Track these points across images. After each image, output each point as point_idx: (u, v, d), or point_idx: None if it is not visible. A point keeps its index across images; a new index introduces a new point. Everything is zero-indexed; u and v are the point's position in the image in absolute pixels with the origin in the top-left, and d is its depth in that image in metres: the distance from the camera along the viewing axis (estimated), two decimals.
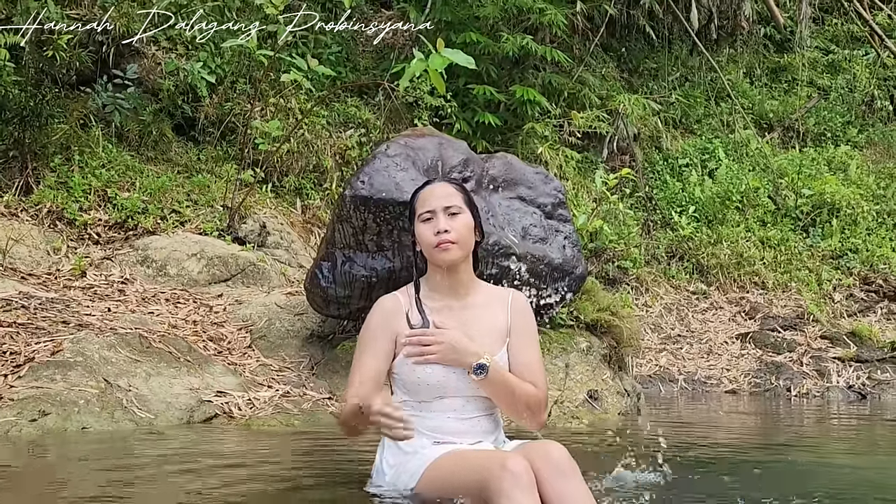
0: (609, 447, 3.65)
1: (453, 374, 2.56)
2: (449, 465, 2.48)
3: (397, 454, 2.61)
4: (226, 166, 6.92)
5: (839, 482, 3.18)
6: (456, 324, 2.61)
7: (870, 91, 11.11)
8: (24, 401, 3.64)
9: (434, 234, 2.58)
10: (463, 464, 2.46)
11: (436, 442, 2.57)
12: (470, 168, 4.98)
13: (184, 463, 3.19)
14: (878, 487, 3.14)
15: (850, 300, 8.31)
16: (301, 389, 4.69)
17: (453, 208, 2.60)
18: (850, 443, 4.80)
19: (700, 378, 6.92)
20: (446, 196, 2.62)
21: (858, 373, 7.08)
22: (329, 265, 4.86)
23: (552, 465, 2.37)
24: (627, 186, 8.47)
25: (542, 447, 2.46)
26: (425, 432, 2.59)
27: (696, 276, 8.32)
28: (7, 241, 5.31)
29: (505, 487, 2.28)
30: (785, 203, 9.08)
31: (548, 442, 2.50)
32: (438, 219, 2.59)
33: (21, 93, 5.97)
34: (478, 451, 2.52)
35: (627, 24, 10.09)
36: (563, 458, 2.41)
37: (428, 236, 2.59)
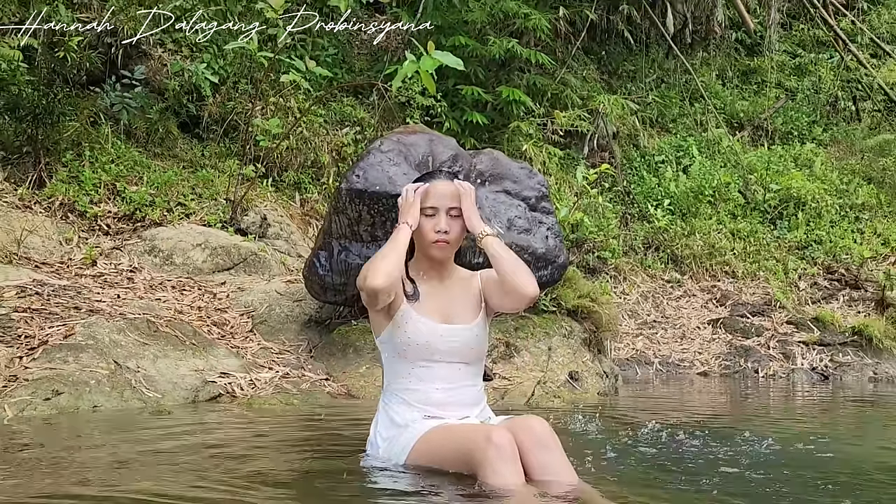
0: (590, 424, 3.68)
1: (439, 336, 2.62)
2: (438, 438, 2.50)
3: (390, 428, 2.64)
4: (228, 162, 6.91)
5: (797, 454, 3.22)
6: (440, 296, 2.68)
7: (834, 92, 11.18)
8: (38, 381, 3.64)
9: (434, 231, 2.62)
10: (451, 437, 2.49)
11: (426, 416, 2.59)
12: (458, 163, 5.00)
13: (189, 439, 3.20)
14: (830, 460, 3.18)
15: (814, 288, 8.37)
16: (300, 371, 4.71)
17: (455, 210, 2.64)
18: (812, 419, 4.85)
19: (674, 361, 6.96)
20: (451, 197, 2.65)
21: (821, 356, 7.14)
22: (326, 254, 4.87)
23: (534, 437, 2.40)
24: (607, 181, 8.50)
25: (525, 421, 2.49)
26: (416, 405, 2.62)
27: (670, 266, 8.36)
28: (21, 231, 5.29)
29: (490, 459, 2.30)
30: (754, 197, 9.14)
31: (531, 417, 2.53)
32: (440, 218, 2.63)
33: (34, 92, 5.94)
34: (465, 426, 2.54)
35: (607, 28, 10.10)
36: (545, 431, 2.44)
37: (428, 231, 2.63)
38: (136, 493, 2.32)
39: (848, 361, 7.07)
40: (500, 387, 4.68)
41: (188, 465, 2.78)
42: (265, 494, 2.39)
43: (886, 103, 11.07)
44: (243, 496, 2.36)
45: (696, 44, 10.87)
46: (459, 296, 2.72)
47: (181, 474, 2.63)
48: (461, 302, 2.71)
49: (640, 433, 3.49)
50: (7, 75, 5.88)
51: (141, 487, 2.40)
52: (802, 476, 2.76)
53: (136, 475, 2.61)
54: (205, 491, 2.41)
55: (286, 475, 2.68)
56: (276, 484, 2.53)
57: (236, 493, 2.39)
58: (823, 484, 2.65)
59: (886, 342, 7.27)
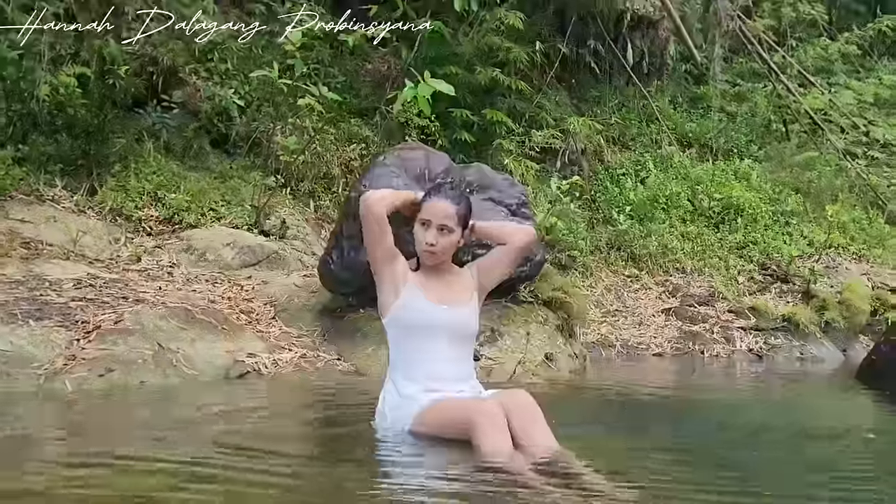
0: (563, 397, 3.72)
1: (439, 315, 2.66)
2: (437, 410, 2.54)
3: (396, 399, 2.66)
4: (253, 174, 6.90)
5: (736, 416, 3.27)
6: (439, 283, 2.72)
7: (767, 116, 11.23)
8: (93, 360, 3.65)
9: (425, 241, 2.66)
10: (448, 409, 2.52)
11: (427, 390, 2.62)
12: (450, 175, 5.02)
13: (224, 408, 3.22)
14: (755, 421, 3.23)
15: (751, 282, 8.41)
16: (315, 352, 4.72)
17: (446, 229, 2.66)
18: (749, 391, 4.91)
19: (633, 344, 6.98)
20: (444, 216, 2.66)
21: (757, 339, 7.19)
22: (337, 253, 4.89)
23: (519, 408, 2.44)
24: (576, 191, 8.51)
25: (512, 394, 2.52)
26: (418, 379, 2.64)
27: (630, 263, 8.38)
28: (77, 232, 5.28)
29: (482, 427, 2.34)
30: (701, 205, 9.17)
31: (516, 390, 2.56)
32: (431, 231, 2.65)
33: (87, 113, 5.93)
34: (460, 400, 2.57)
35: (576, 60, 10.11)
36: (528, 402, 2.47)
37: (419, 239, 2.69)
38: (170, 456, 2.33)
39: (779, 344, 7.12)
40: (487, 366, 4.71)
41: (217, 431, 2.80)
42: (284, 458, 2.41)
43: (811, 126, 11.15)
44: (263, 459, 2.38)
45: (652, 74, 10.90)
46: (455, 283, 2.76)
47: (209, 439, 2.65)
48: (457, 288, 2.75)
49: (604, 403, 3.53)
50: (65, 99, 5.87)
51: (175, 451, 2.42)
52: (728, 431, 2.80)
53: (172, 440, 2.63)
54: (228, 456, 2.42)
55: (303, 440, 2.71)
56: (294, 448, 2.56)
57: (256, 456, 2.41)
58: (741, 437, 2.69)
59: (811, 327, 7.33)
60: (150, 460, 2.29)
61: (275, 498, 1.92)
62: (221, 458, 2.31)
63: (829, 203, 9.37)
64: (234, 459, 2.33)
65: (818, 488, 2.29)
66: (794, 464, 2.62)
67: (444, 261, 2.74)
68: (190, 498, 1.93)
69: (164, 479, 2.09)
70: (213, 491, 1.98)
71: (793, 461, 2.65)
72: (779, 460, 2.64)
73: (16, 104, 5.73)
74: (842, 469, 2.58)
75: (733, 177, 9.71)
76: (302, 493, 2.00)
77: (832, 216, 8.81)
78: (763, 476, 2.37)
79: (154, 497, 1.91)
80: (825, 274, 8.35)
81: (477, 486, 2.11)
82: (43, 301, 4.18)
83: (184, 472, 2.14)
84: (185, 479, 2.07)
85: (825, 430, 3.25)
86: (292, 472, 2.19)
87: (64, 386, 3.42)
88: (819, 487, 2.29)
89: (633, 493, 2.07)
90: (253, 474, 2.14)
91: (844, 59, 12.22)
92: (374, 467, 2.28)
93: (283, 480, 2.08)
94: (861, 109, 11.52)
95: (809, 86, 11.45)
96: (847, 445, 3.03)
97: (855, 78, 12.14)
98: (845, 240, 9.16)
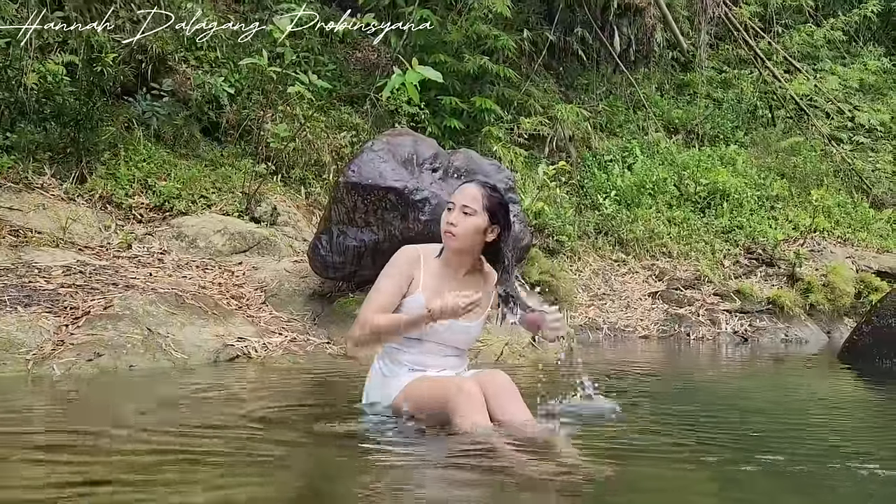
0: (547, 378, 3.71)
1: (441, 329, 2.55)
2: (418, 387, 2.52)
3: (380, 378, 2.65)
4: (243, 161, 6.85)
5: (718, 395, 3.28)
6: (444, 289, 2.55)
7: (753, 102, 11.23)
8: (82, 345, 3.62)
9: (446, 221, 2.56)
10: (428, 387, 2.50)
11: (410, 369, 2.61)
12: (438, 160, 5.00)
13: (212, 392, 3.20)
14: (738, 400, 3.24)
15: (737, 266, 8.44)
16: (305, 336, 4.71)
17: (468, 209, 2.52)
18: (732, 369, 4.92)
19: (620, 326, 7.01)
20: (469, 197, 2.54)
21: (742, 321, 7.21)
22: (327, 238, 4.87)
23: (497, 387, 2.42)
24: (564, 177, 8.50)
25: (490, 374, 2.51)
26: (405, 363, 2.62)
27: (617, 248, 8.39)
28: (66, 220, 5.24)
29: (460, 405, 2.33)
30: (687, 190, 9.18)
31: (495, 371, 2.55)
32: (452, 212, 2.56)
33: (76, 101, 5.86)
34: (440, 378, 2.55)
35: (564, 48, 10.08)
36: (506, 382, 2.46)
37: (442, 222, 2.58)
38: (156, 435, 2.32)
39: (764, 326, 7.15)
40: (475, 348, 4.69)
41: (204, 413, 2.78)
42: (273, 438, 2.40)
43: (797, 111, 11.15)
44: (252, 438, 2.37)
45: (639, 61, 10.88)
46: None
47: (197, 420, 2.63)
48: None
49: (590, 383, 3.52)
50: (53, 87, 5.80)
51: (163, 430, 2.40)
52: (710, 407, 2.81)
53: (159, 421, 2.61)
54: (217, 437, 2.41)
55: (292, 422, 2.69)
56: (283, 429, 2.54)
57: (244, 436, 2.39)
58: (723, 411, 2.70)
59: (796, 310, 7.36)
60: (134, 441, 2.28)
61: (256, 482, 1.91)
62: (205, 441, 2.29)
63: (814, 187, 9.39)
64: (217, 442, 2.31)
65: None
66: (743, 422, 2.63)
67: (464, 250, 2.57)
68: (172, 478, 1.91)
69: (144, 459, 2.07)
70: (194, 472, 1.97)
71: (747, 422, 2.67)
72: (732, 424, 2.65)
73: (3, 92, 5.65)
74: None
75: (719, 162, 9.71)
76: (284, 475, 1.99)
77: (817, 200, 8.83)
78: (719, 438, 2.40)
79: (134, 479, 1.89)
80: (810, 257, 8.37)
81: (456, 462, 2.11)
82: (32, 288, 4.14)
83: (163, 456, 2.13)
84: (164, 463, 2.05)
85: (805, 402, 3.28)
86: (276, 455, 2.18)
87: (52, 370, 3.39)
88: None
89: (607, 466, 2.07)
90: (237, 456, 2.12)
91: (830, 45, 12.20)
92: (355, 448, 2.27)
93: (264, 467, 2.07)
94: (846, 95, 11.51)
95: (795, 72, 11.43)
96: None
97: (840, 63, 12.13)
98: (830, 224, 9.19)
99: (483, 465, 2.06)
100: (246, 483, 1.87)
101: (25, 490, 1.75)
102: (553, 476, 1.99)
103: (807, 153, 10.22)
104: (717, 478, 2.07)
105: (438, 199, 4.73)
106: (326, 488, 1.93)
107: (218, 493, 1.80)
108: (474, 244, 2.58)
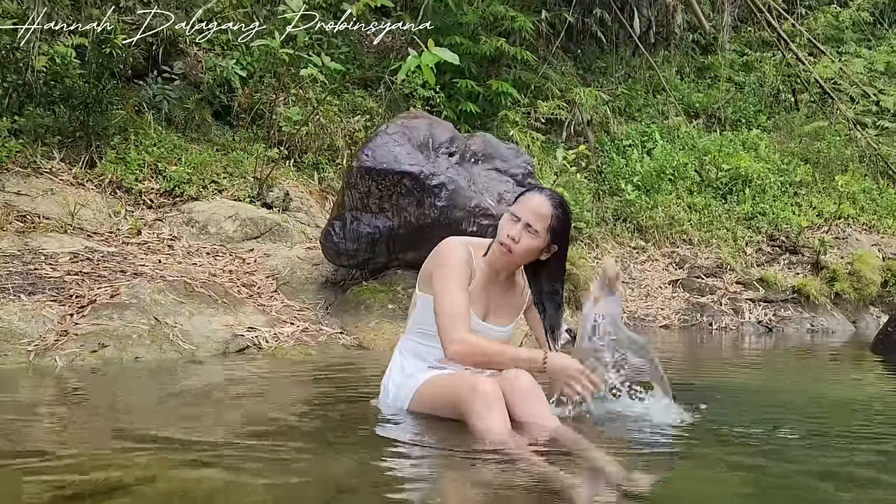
0: None
1: (475, 329, 2.37)
2: (432, 388, 2.34)
3: (401, 377, 2.47)
4: (255, 145, 6.68)
5: (745, 388, 3.08)
6: (488, 293, 2.44)
7: (776, 86, 10.92)
8: (86, 335, 3.47)
9: (506, 234, 2.37)
10: (441, 387, 2.32)
11: (429, 367, 2.43)
12: (455, 144, 4.80)
13: (220, 385, 3.05)
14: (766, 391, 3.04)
15: (759, 253, 8.20)
16: (317, 326, 4.54)
17: (532, 229, 2.35)
18: (761, 363, 4.71)
19: (640, 316, 6.81)
20: (537, 216, 2.36)
21: (766, 311, 6.99)
22: (340, 224, 4.70)
23: (519, 391, 2.23)
24: (583, 160, 8.27)
25: (513, 375, 2.31)
26: (428, 360, 2.44)
27: (636, 235, 8.18)
28: (75, 205, 5.09)
29: (476, 406, 2.14)
30: (708, 176, 8.93)
31: (518, 371, 2.35)
32: (517, 227, 2.36)
33: (85, 84, 5.70)
34: (453, 376, 2.34)
35: (582, 30, 9.81)
36: (529, 384, 2.27)
37: (502, 232, 2.38)
38: (157, 433, 2.16)
39: (789, 316, 6.92)
40: None
41: (211, 409, 2.62)
42: (281, 437, 2.24)
43: (821, 95, 10.82)
44: (260, 437, 2.21)
45: (659, 44, 10.59)
46: (504, 298, 2.50)
47: (202, 416, 2.48)
48: (504, 305, 2.50)
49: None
50: (62, 69, 5.64)
51: (163, 429, 2.24)
52: (736, 399, 2.61)
53: (160, 417, 2.45)
54: (224, 434, 2.25)
55: (302, 419, 2.52)
56: (291, 427, 2.38)
57: (253, 435, 2.23)
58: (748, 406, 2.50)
59: (821, 299, 7.12)
60: (143, 440, 2.11)
61: (265, 486, 1.74)
62: (210, 443, 2.12)
63: (838, 173, 9.10)
64: (223, 443, 2.14)
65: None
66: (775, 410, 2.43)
67: (515, 264, 2.43)
68: (176, 484, 1.75)
69: (147, 460, 1.91)
70: (198, 476, 1.80)
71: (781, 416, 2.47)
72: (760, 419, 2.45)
73: (11, 75, 5.50)
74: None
75: (741, 147, 9.44)
76: (293, 478, 1.82)
77: (842, 186, 8.54)
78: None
79: (131, 485, 1.73)
80: (835, 245, 8.11)
81: (474, 467, 1.93)
82: (37, 275, 4.00)
83: (167, 457, 1.96)
84: (167, 466, 1.89)
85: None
86: (284, 458, 2.01)
87: (54, 362, 3.24)
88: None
89: (645, 477, 1.88)
90: (244, 461, 1.95)
91: (855, 28, 11.82)
92: (370, 450, 2.10)
93: (274, 466, 1.90)
94: (871, 78, 11.16)
95: (819, 54, 11.08)
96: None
97: (865, 46, 11.76)
98: (855, 210, 8.91)
99: (504, 472, 1.88)
100: (252, 492, 1.71)
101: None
102: (580, 487, 1.81)
103: (831, 138, 9.91)
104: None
105: (455, 184, 4.54)
106: (337, 495, 1.77)
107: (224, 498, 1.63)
108: (527, 261, 2.45)
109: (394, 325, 4.50)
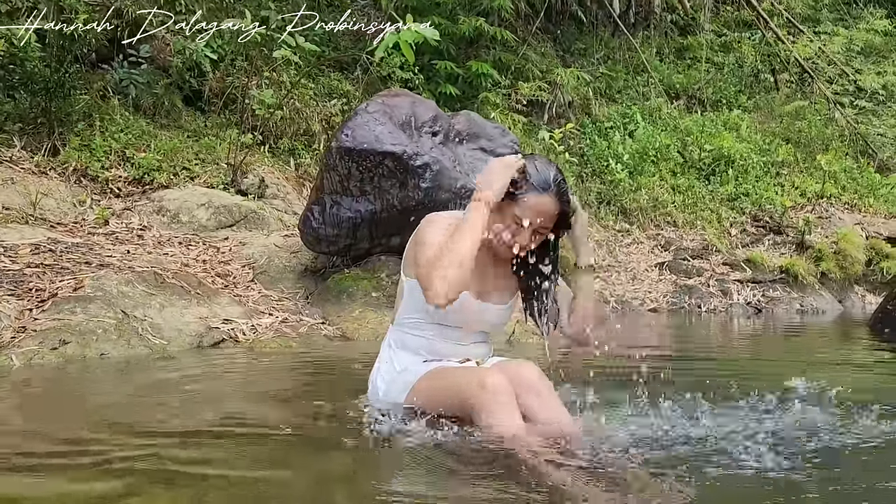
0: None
1: (472, 310, 2.17)
2: (432, 382, 2.09)
3: (391, 371, 2.22)
4: (228, 131, 6.37)
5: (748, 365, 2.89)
6: (484, 272, 2.18)
7: (755, 66, 10.80)
8: (45, 331, 3.18)
9: (511, 241, 2.10)
10: (444, 381, 2.07)
11: (425, 360, 2.19)
12: (438, 123, 4.55)
13: (190, 382, 2.78)
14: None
15: (744, 234, 8.08)
16: (297, 316, 4.28)
17: (542, 228, 2.12)
18: (761, 343, 4.54)
19: (627, 299, 6.63)
20: (550, 216, 2.11)
21: (754, 291, 6.85)
22: (319, 208, 4.43)
23: (525, 385, 2.00)
24: (570, 138, 8.06)
25: (516, 368, 2.08)
26: (420, 352, 2.20)
27: (620, 218, 8.00)
28: (37, 195, 4.77)
29: (485, 404, 1.91)
30: (691, 157, 8.78)
31: (524, 363, 2.12)
32: (523, 233, 2.09)
33: (46, 67, 5.36)
34: (457, 370, 2.11)
35: (562, 10, 9.59)
36: (535, 377, 2.04)
37: (504, 235, 2.11)
38: (126, 432, 1.90)
39: (777, 296, 6.78)
40: None
41: (186, 406, 2.37)
42: (262, 435, 2.00)
43: (800, 74, 10.72)
44: (240, 437, 1.97)
45: (638, 24, 10.40)
46: (501, 276, 2.25)
47: (174, 415, 2.23)
48: (502, 283, 2.25)
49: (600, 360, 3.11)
50: (21, 52, 5.29)
51: (132, 428, 1.99)
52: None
53: (127, 415, 2.19)
54: (197, 434, 2.00)
55: (283, 416, 2.27)
56: (272, 424, 2.13)
57: (232, 434, 1.99)
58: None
59: (810, 279, 7.00)
60: (111, 444, 1.86)
61: (247, 497, 1.51)
62: (184, 450, 1.87)
63: (819, 153, 9.00)
64: (197, 448, 1.90)
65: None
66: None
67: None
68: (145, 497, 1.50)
69: (114, 468, 1.66)
70: (175, 488, 1.56)
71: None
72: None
73: None
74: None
75: (723, 128, 9.31)
76: (278, 488, 1.58)
77: (826, 164, 8.44)
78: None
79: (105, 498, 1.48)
80: (818, 224, 8.00)
81: (483, 470, 1.71)
82: None
83: (133, 470, 1.71)
84: (135, 479, 1.64)
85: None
86: (273, 461, 1.77)
87: (10, 361, 2.95)
88: None
89: (675, 483, 1.67)
90: (220, 467, 1.71)
91: (831, 7, 11.73)
92: (362, 453, 1.86)
93: (257, 473, 1.66)
94: (848, 58, 11.08)
95: (798, 34, 10.97)
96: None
97: (843, 25, 11.67)
98: (837, 189, 8.82)
99: (515, 473, 1.66)
100: (237, 486, 1.47)
101: None
102: (600, 490, 1.59)
103: (811, 117, 9.81)
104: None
105: (440, 164, 4.29)
106: (328, 498, 1.54)
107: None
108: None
109: (378, 313, 4.26)
